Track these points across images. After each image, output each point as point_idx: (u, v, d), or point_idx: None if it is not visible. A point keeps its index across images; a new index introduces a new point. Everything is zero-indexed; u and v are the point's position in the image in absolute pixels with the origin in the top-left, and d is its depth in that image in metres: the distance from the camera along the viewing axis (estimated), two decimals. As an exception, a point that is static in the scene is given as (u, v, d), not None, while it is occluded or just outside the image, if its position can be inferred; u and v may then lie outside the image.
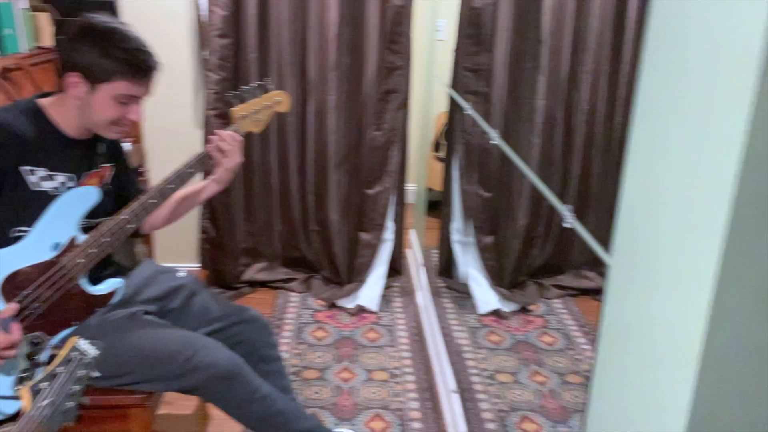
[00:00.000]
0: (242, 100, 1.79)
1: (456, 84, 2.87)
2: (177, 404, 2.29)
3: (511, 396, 2.44)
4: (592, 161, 3.08)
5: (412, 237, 3.61)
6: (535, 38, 2.79)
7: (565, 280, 3.29)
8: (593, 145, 3.05)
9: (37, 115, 1.55)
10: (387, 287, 3.17)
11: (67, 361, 1.02)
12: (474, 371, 2.60)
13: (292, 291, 3.20)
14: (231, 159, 1.73)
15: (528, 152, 2.94)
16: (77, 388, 1.01)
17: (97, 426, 1.58)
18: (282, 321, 2.92)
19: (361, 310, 3.02)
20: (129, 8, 2.79)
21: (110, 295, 1.63)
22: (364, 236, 3.06)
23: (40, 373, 1.48)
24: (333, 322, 2.93)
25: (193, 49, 2.93)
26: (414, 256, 3.46)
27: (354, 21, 2.82)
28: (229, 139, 1.72)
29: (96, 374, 1.06)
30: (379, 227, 3.03)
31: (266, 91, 1.83)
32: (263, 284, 3.23)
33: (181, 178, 1.69)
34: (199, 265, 3.13)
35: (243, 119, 1.79)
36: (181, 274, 1.85)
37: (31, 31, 2.56)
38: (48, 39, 2.63)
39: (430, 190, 3.83)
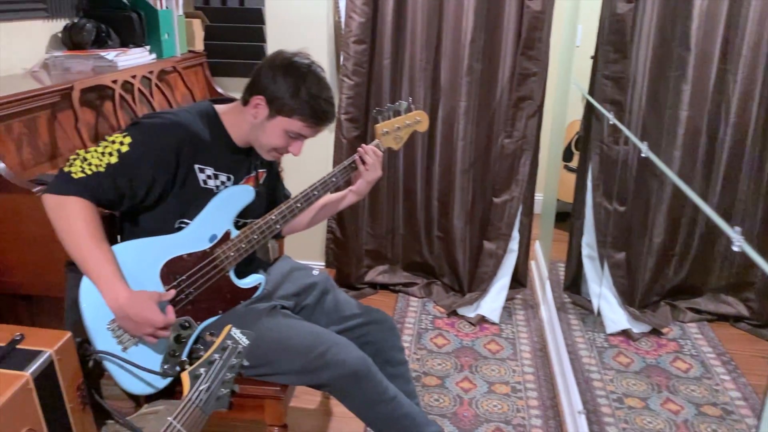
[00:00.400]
0: (385, 117, 1.86)
1: (593, 92, 2.75)
2: (302, 398, 2.36)
3: (641, 422, 2.30)
4: (740, 180, 2.85)
5: (537, 249, 3.51)
6: (683, 45, 2.63)
7: (702, 303, 3.07)
8: (741, 161, 2.83)
9: (213, 120, 1.65)
10: (509, 299, 3.10)
11: (222, 348, 1.06)
12: (601, 393, 2.48)
13: (413, 295, 3.20)
14: (371, 173, 1.81)
15: (668, 166, 2.77)
16: (230, 375, 1.05)
17: (234, 414, 1.65)
18: (402, 325, 2.92)
19: (482, 321, 2.97)
20: (272, 14, 2.91)
21: (254, 288, 1.69)
22: (489, 245, 3.00)
23: (184, 355, 1.57)
24: (453, 330, 2.90)
25: (330, 54, 3.01)
26: (538, 269, 3.36)
27: (490, 27, 2.79)
28: (371, 152, 1.77)
29: (246, 363, 1.09)
30: (505, 237, 2.96)
31: (409, 110, 1.90)
32: (384, 287, 3.26)
33: (325, 186, 1.75)
34: (324, 264, 3.21)
35: (385, 135, 1.86)
36: (315, 272, 1.90)
37: (185, 36, 2.73)
38: (198, 43, 2.80)
39: (557, 200, 3.71)
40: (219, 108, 1.67)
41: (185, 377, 1.01)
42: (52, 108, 1.88)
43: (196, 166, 1.59)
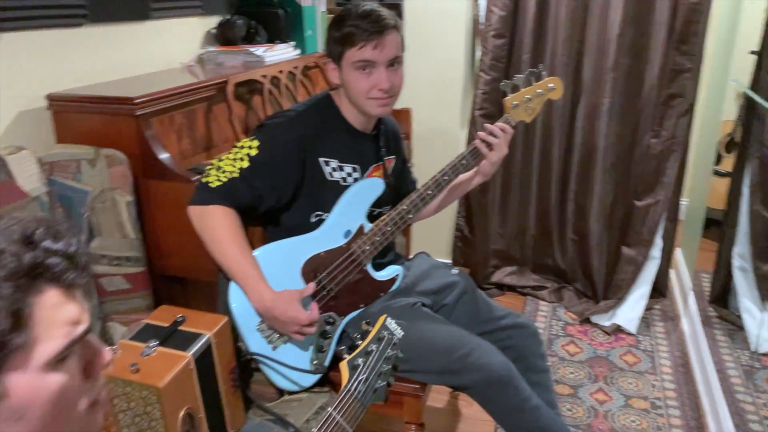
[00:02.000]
0: (514, 89, 1.74)
1: (757, 90, 2.52)
2: (430, 396, 2.33)
3: (802, 455, 2.09)
4: None
5: (679, 257, 3.28)
6: None
7: None
8: None
9: (330, 108, 1.65)
10: (648, 309, 2.92)
11: (378, 339, 1.05)
12: (753, 418, 2.27)
13: (542, 299, 3.09)
14: (497, 152, 1.71)
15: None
16: (386, 367, 1.04)
17: (373, 407, 1.65)
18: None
19: (617, 330, 2.81)
20: (411, 8, 2.90)
21: (392, 280, 1.69)
22: (628, 251, 2.84)
23: (331, 350, 1.59)
24: (586, 339, 2.77)
25: (467, 49, 2.96)
26: (679, 279, 3.14)
27: (640, 19, 2.62)
28: (498, 131, 1.69)
29: (401, 355, 1.08)
30: (646, 243, 2.79)
31: (539, 78, 1.76)
32: (512, 288, 3.17)
33: (454, 170, 1.69)
34: (450, 262, 3.17)
35: (515, 108, 1.74)
36: (455, 271, 1.86)
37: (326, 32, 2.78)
38: (339, 39, 2.84)
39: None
40: (333, 93, 1.67)
41: (344, 367, 1.01)
42: (209, 101, 1.97)
43: (321, 160, 1.60)
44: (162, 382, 1.21)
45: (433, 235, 3.19)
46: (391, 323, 1.10)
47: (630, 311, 2.83)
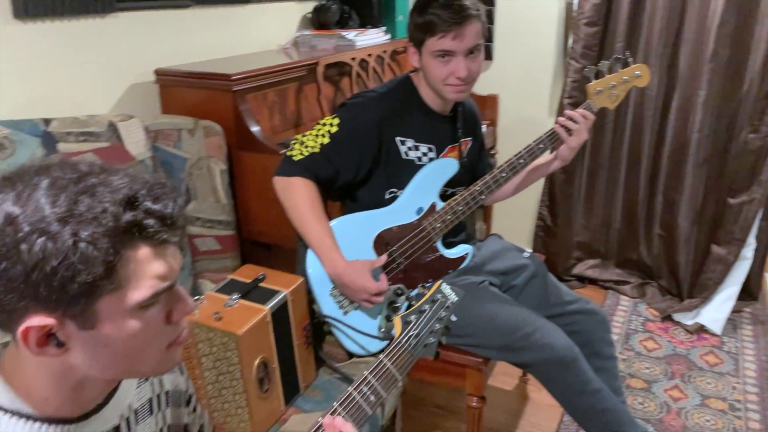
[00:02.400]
0: (599, 75, 1.74)
1: None
2: (499, 378, 2.38)
3: None
4: None
5: (775, 260, 3.12)
6: None
7: None
8: None
9: (409, 90, 1.72)
10: (736, 311, 2.81)
11: (432, 300, 1.12)
12: (842, 429, 2.16)
13: (624, 294, 3.04)
14: (576, 138, 1.71)
15: None
16: (438, 327, 1.11)
17: (438, 377, 1.72)
18: (610, 323, 2.79)
19: (700, 330, 2.73)
20: (503, -3, 2.92)
21: (461, 259, 1.74)
22: (717, 250, 2.74)
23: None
24: (666, 336, 2.70)
25: (559, 37, 2.94)
26: (774, 282, 3.00)
27: (743, 10, 2.51)
28: (578, 117, 1.70)
29: (454, 318, 1.14)
30: (738, 242, 2.68)
31: (626, 64, 1.75)
32: (593, 281, 3.14)
33: (531, 153, 1.72)
34: (531, 251, 3.16)
35: (598, 94, 1.74)
36: (526, 254, 1.89)
37: (417, 18, 2.85)
38: (430, 25, 2.90)
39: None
40: (413, 75, 1.73)
41: (397, 321, 1.09)
42: (300, 81, 2.09)
43: (397, 139, 1.67)
44: (241, 331, 1.33)
45: (515, 223, 3.20)
46: (446, 288, 1.16)
47: (716, 311, 2.73)
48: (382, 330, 1.64)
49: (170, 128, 1.74)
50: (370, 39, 2.53)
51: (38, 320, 0.66)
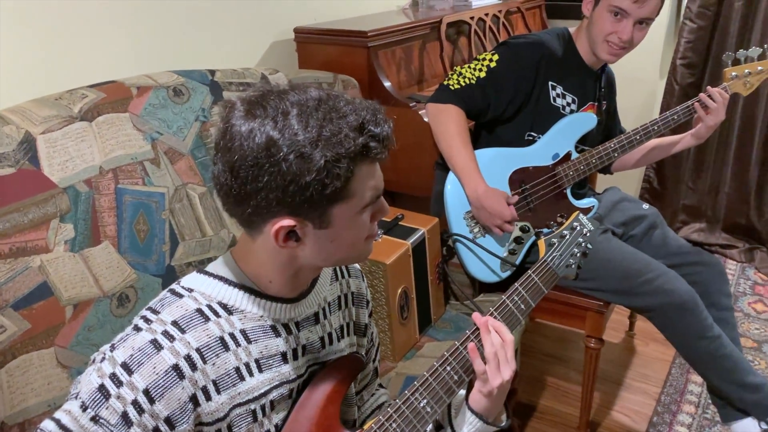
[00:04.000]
0: (736, 63, 1.80)
1: None
2: (606, 332, 2.44)
3: None
4: None
5: None
6: None
7: None
8: None
9: (567, 41, 1.80)
10: None
11: (571, 228, 1.22)
12: None
13: (731, 259, 3.01)
14: (714, 116, 1.75)
15: None
16: (577, 251, 1.20)
17: (559, 318, 1.82)
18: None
19: (814, 295, 2.69)
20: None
21: (588, 209, 1.82)
22: (836, 214, 2.68)
23: (521, 254, 1.77)
24: (777, 299, 2.68)
25: (673, -4, 2.90)
26: None
27: None
28: (717, 95, 1.74)
29: (590, 246, 1.23)
30: None
31: (764, 57, 1.80)
32: (699, 245, 3.11)
33: (666, 123, 1.77)
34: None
35: (734, 79, 1.80)
36: (645, 206, 1.94)
37: (529, -21, 2.88)
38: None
39: None
40: (572, 30, 1.81)
41: (542, 243, 1.19)
42: (423, 39, 2.19)
43: (550, 83, 1.75)
44: (389, 260, 1.47)
45: (621, 185, 3.19)
46: (583, 218, 1.25)
47: (831, 277, 2.68)
48: (505, 258, 1.75)
49: (312, 81, 1.88)
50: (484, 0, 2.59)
51: (287, 221, 0.82)
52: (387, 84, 1.95)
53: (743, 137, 2.90)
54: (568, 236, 1.21)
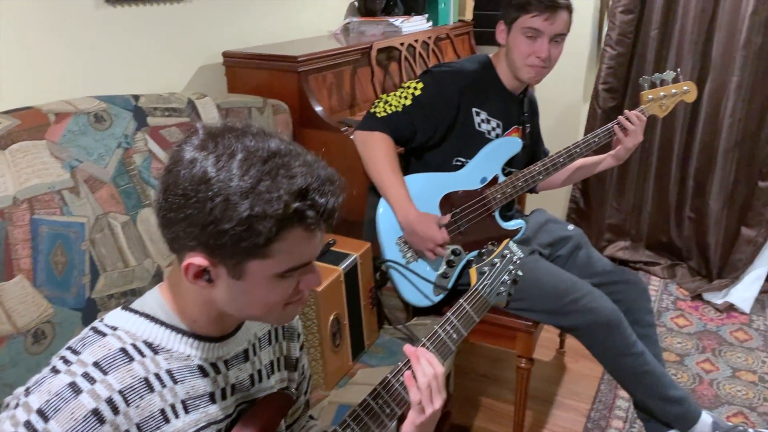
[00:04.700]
0: (652, 86, 1.90)
1: None
2: (537, 351, 2.49)
3: None
4: None
5: (804, 243, 3.20)
6: None
7: None
8: None
9: (488, 68, 1.85)
10: (763, 291, 2.90)
11: (501, 256, 1.24)
12: None
13: (654, 275, 3.14)
14: (632, 138, 1.85)
15: None
16: (507, 279, 1.23)
17: (490, 339, 1.84)
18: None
19: (729, 308, 2.82)
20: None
21: (516, 231, 1.86)
22: (747, 231, 2.83)
23: (453, 277, 1.78)
24: (696, 314, 2.80)
25: (594, 24, 3.03)
26: (802, 264, 3.07)
27: (777, -4, 2.60)
28: (634, 118, 1.82)
29: (521, 273, 1.26)
30: (767, 224, 2.77)
31: (677, 80, 1.91)
32: (624, 263, 3.23)
33: (587, 145, 1.84)
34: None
35: (650, 102, 1.90)
36: (570, 227, 2.00)
37: (457, 6, 2.95)
38: (469, 13, 3.00)
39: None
40: (493, 57, 1.86)
41: (473, 272, 1.21)
42: (354, 64, 2.21)
43: (473, 110, 1.80)
44: (320, 287, 1.45)
45: (548, 205, 3.27)
46: (513, 246, 1.28)
47: (745, 291, 2.83)
48: (437, 282, 1.76)
49: (241, 106, 1.86)
50: (414, 26, 2.63)
51: (199, 260, 0.80)
52: (318, 108, 1.95)
53: (662, 158, 3.04)
54: (498, 264, 1.24)
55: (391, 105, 1.75)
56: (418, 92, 1.75)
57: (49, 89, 1.58)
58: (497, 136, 1.84)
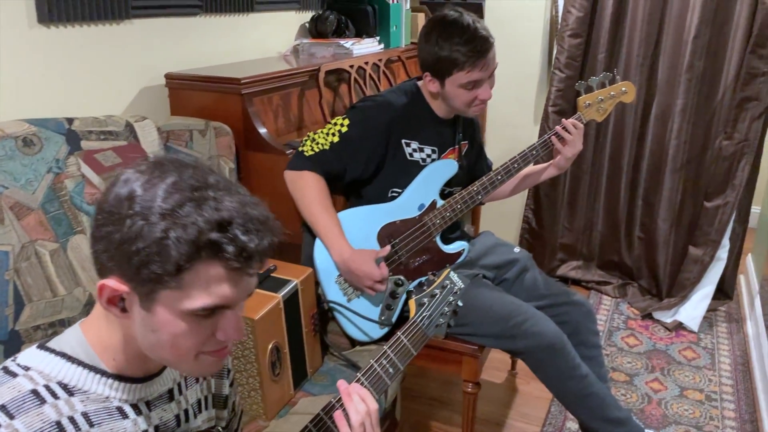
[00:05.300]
0: (589, 90, 1.88)
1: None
2: (489, 372, 2.48)
3: None
4: None
5: (749, 263, 3.28)
6: None
7: None
8: None
9: (416, 96, 1.83)
10: (711, 309, 2.95)
11: (442, 286, 1.23)
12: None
13: (606, 294, 3.17)
14: (570, 147, 1.85)
15: None
16: (447, 309, 1.21)
17: (436, 364, 1.82)
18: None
19: (679, 327, 2.86)
20: (491, 8, 3.05)
21: (458, 254, 1.85)
22: (694, 251, 2.88)
23: (397, 309, 1.77)
24: (647, 333, 2.84)
25: (543, 48, 3.08)
26: (748, 283, 3.15)
27: (717, 23, 2.68)
28: (570, 127, 1.82)
29: (461, 304, 1.25)
30: (714, 243, 2.82)
31: (614, 81, 1.90)
32: (576, 282, 3.27)
33: (525, 159, 1.85)
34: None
35: (587, 108, 1.89)
36: (516, 250, 2.00)
37: (410, 28, 2.97)
38: (421, 35, 3.02)
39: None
40: (420, 83, 1.84)
41: (412, 303, 1.19)
42: (302, 86, 2.19)
43: (403, 141, 1.78)
44: (257, 315, 1.42)
45: (501, 226, 3.32)
46: (454, 276, 1.27)
47: (693, 309, 2.87)
48: (383, 318, 1.75)
49: (182, 128, 1.83)
50: (365, 48, 2.64)
51: (114, 283, 0.77)
52: (262, 131, 1.92)
53: (612, 177, 3.09)
54: (438, 295, 1.22)
55: (318, 143, 1.73)
56: (344, 129, 1.73)
57: (-22, 112, 1.53)
58: (433, 161, 1.83)
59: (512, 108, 3.17)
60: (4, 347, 1.28)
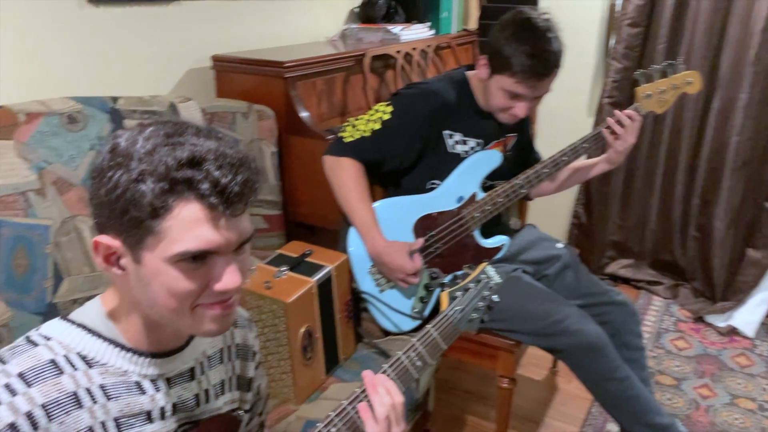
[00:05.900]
0: (649, 79, 1.76)
1: None
2: (529, 369, 2.43)
3: None
4: None
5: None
6: None
7: None
8: None
9: (463, 86, 1.77)
10: (769, 315, 2.81)
11: (477, 280, 1.19)
12: None
13: (656, 295, 3.06)
14: (623, 141, 1.74)
15: None
16: (482, 304, 1.17)
17: (472, 357, 1.79)
18: (642, 322, 2.81)
19: (732, 332, 2.74)
20: (547, -4, 2.96)
21: (497, 249, 1.80)
22: (753, 253, 2.75)
23: (431, 302, 1.74)
24: (698, 336, 2.72)
25: (600, 37, 2.97)
26: (811, 289, 2.98)
27: (788, 13, 2.53)
28: (625, 119, 1.72)
29: (497, 299, 1.20)
30: (774, 246, 2.69)
31: (677, 70, 1.76)
32: (626, 281, 3.16)
33: (575, 152, 1.77)
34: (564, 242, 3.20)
35: (647, 98, 1.76)
36: (559, 245, 1.94)
37: (462, 15, 2.91)
38: (473, 23, 2.95)
39: None
40: (469, 74, 1.78)
41: (444, 296, 1.16)
42: (347, 71, 2.17)
43: (445, 132, 1.73)
44: (289, 299, 1.42)
45: (550, 220, 3.23)
46: (490, 270, 1.22)
47: (749, 314, 2.74)
48: (415, 311, 1.72)
49: (225, 111, 1.84)
50: (414, 34, 2.60)
51: (107, 239, 0.77)
52: (304, 114, 1.91)
53: (667, 174, 2.96)
54: (472, 289, 1.19)
55: (358, 130, 1.69)
56: (386, 116, 1.69)
57: (27, 90, 1.56)
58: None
59: (565, 98, 3.06)
60: (43, 318, 1.31)
